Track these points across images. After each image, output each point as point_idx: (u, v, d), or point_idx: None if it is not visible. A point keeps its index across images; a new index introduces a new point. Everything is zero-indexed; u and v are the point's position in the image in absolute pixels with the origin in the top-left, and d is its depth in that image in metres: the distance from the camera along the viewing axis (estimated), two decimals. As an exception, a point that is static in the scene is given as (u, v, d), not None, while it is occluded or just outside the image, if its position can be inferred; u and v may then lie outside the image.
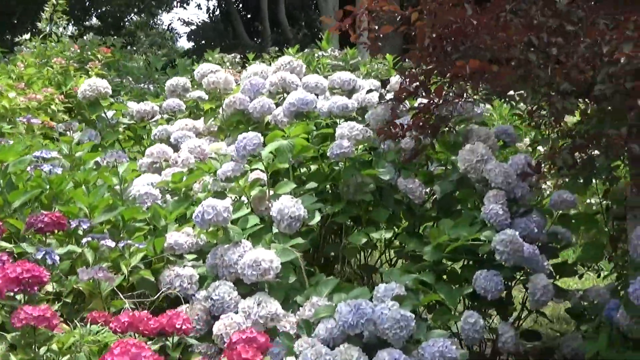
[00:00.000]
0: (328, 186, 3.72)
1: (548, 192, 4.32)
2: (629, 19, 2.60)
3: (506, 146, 3.99)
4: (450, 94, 3.46)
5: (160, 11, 22.49)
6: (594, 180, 3.66)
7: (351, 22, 3.50)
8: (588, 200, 5.19)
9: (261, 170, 3.53)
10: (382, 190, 3.65)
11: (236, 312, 2.98)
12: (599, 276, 4.29)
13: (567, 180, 3.56)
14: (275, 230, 3.29)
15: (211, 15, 24.43)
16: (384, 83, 4.49)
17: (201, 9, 34.13)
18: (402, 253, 3.73)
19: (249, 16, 23.38)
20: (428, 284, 3.22)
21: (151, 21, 22.38)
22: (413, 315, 2.85)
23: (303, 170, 3.86)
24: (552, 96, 2.92)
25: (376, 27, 3.52)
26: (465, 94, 3.48)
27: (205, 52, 7.53)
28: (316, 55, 6.81)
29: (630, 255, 3.00)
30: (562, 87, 2.79)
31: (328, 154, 3.57)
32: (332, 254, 3.64)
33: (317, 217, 3.42)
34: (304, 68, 4.34)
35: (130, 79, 7.32)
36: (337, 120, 3.87)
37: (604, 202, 3.91)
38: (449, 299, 3.23)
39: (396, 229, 3.75)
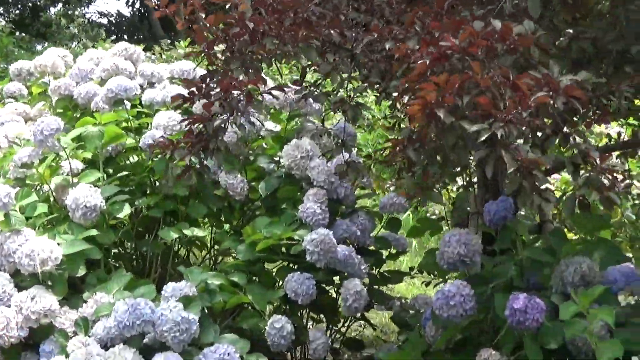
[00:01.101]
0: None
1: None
2: (416, 12, 2.42)
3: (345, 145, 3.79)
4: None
5: (81, 3, 21.79)
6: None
7: (174, 8, 3.23)
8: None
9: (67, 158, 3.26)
10: (204, 185, 3.41)
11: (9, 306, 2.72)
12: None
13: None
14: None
15: (130, 7, 23.75)
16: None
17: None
18: (221, 252, 3.51)
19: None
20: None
21: (75, 12, 21.67)
22: (196, 318, 2.63)
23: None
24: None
25: (203, 16, 3.26)
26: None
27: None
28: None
29: (438, 262, 2.82)
30: (358, 87, 2.63)
31: (140, 144, 3.32)
32: (145, 250, 3.39)
33: (127, 210, 3.17)
34: (143, 55, 4.09)
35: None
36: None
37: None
38: (258, 302, 3.03)
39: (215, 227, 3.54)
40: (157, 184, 3.39)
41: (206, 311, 2.82)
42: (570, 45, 2.75)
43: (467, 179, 3.43)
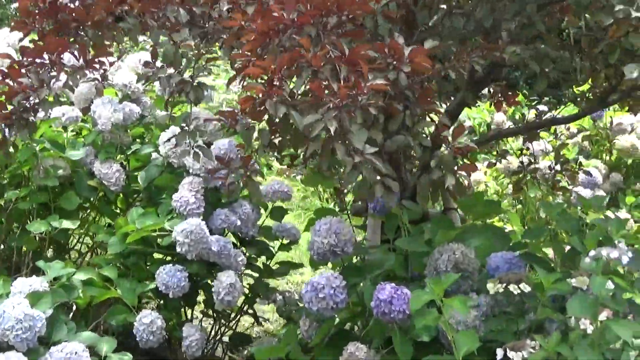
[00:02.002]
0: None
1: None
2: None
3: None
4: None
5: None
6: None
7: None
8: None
9: None
10: (78, 175, 3.22)
11: None
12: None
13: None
14: None
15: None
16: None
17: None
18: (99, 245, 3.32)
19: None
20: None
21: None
22: (43, 315, 2.45)
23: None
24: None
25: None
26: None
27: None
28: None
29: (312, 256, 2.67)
30: (199, 66, 2.48)
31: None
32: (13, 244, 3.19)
33: (-9, 204, 2.98)
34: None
35: None
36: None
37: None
38: (128, 296, 2.86)
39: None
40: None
41: (73, 307, 2.66)
42: (443, 23, 2.61)
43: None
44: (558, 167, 3.61)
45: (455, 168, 2.27)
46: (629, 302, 2.39)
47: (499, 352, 2.19)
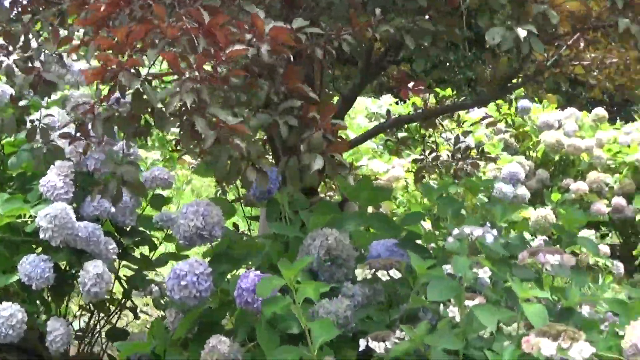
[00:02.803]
0: None
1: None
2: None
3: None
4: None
5: None
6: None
7: None
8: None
9: None
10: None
11: None
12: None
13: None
14: None
15: None
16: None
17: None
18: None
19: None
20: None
21: None
22: None
23: None
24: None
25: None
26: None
27: None
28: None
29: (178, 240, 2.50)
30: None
31: None
32: None
33: None
34: None
35: None
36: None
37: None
38: (-14, 289, 2.65)
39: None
40: None
41: None
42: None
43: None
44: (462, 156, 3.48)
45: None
46: (505, 289, 2.27)
47: (362, 343, 2.05)
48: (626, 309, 2.17)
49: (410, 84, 3.22)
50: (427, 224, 3.17)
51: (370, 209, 3.17)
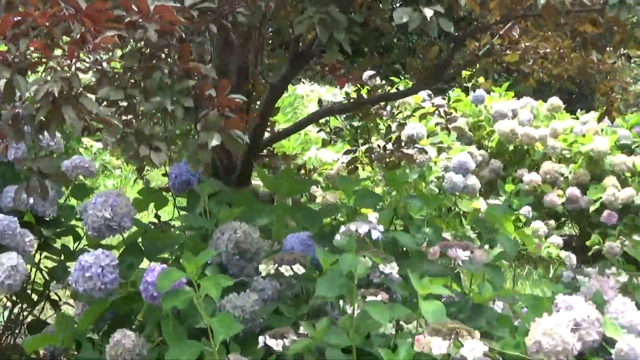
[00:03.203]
0: None
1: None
2: None
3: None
4: None
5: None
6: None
7: None
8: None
9: None
10: None
11: None
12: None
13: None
14: None
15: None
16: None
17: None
18: None
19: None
20: None
21: None
22: None
23: None
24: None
25: None
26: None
27: None
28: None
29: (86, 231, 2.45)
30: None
31: None
32: None
33: None
34: None
35: None
36: None
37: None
38: None
39: None
40: None
41: None
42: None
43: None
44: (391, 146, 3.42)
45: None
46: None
47: (260, 340, 2.01)
48: (536, 305, 2.14)
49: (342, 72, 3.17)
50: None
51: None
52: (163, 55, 2.03)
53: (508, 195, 6.04)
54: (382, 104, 3.47)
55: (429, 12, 2.08)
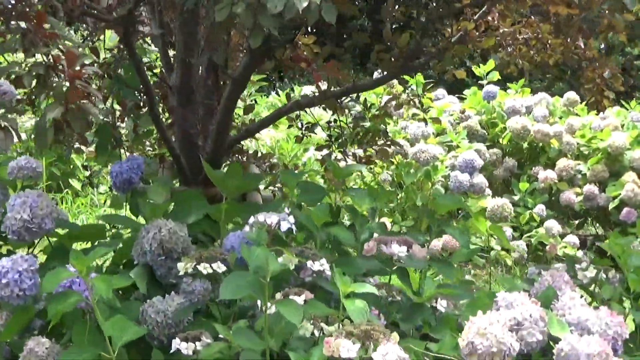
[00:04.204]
0: None
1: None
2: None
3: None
4: None
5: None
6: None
7: None
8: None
9: None
10: None
11: None
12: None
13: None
14: None
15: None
16: None
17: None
18: None
19: None
20: None
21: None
22: None
23: None
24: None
25: None
26: None
27: None
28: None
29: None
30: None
31: None
32: None
33: None
34: None
35: None
36: None
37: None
38: None
39: None
40: None
41: None
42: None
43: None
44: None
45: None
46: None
47: (174, 344, 1.86)
48: (474, 302, 1.95)
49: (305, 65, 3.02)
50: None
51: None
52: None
53: (522, 193, 5.81)
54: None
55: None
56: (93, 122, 2.97)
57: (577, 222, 5.91)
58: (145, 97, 2.96)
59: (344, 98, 3.31)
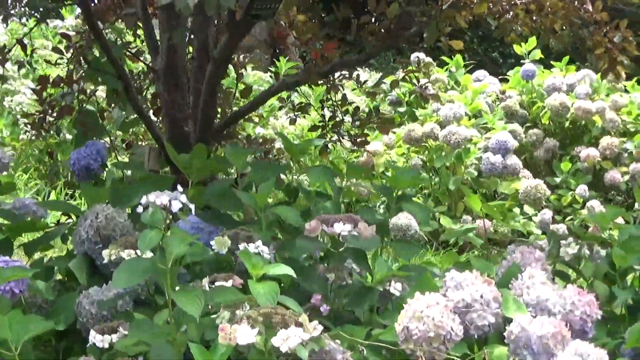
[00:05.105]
0: None
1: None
2: None
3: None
4: None
5: None
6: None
7: None
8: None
9: None
10: None
11: None
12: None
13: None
14: None
15: None
16: None
17: None
18: None
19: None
20: None
21: None
22: None
23: None
24: None
25: None
26: None
27: None
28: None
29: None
30: None
31: None
32: None
33: None
34: None
35: None
36: None
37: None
38: None
39: None
40: None
41: None
42: None
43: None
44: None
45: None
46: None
47: (90, 337, 1.73)
48: (419, 284, 1.77)
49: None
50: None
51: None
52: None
53: (565, 175, 5.52)
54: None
55: None
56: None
57: (623, 202, 5.58)
58: (121, 82, 2.85)
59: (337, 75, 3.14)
